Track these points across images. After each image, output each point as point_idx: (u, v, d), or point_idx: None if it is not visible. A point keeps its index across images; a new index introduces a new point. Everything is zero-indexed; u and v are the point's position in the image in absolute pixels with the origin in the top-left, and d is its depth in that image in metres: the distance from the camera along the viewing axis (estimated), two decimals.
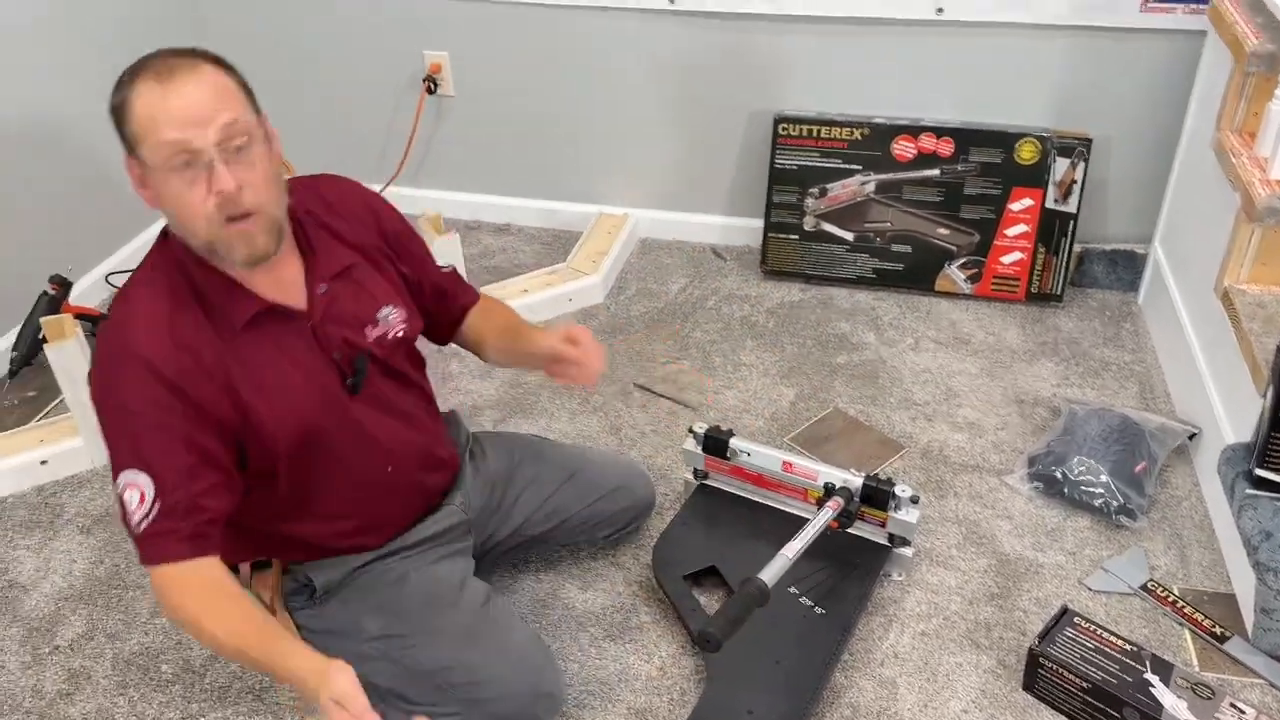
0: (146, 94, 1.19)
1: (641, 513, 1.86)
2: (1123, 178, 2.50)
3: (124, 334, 1.27)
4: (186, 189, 1.21)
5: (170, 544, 1.27)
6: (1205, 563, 1.83)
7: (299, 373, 1.36)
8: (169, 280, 1.29)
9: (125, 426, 1.26)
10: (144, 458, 1.25)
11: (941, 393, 2.27)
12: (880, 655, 1.68)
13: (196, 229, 1.24)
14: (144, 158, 1.21)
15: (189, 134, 1.19)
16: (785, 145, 2.56)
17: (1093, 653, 1.56)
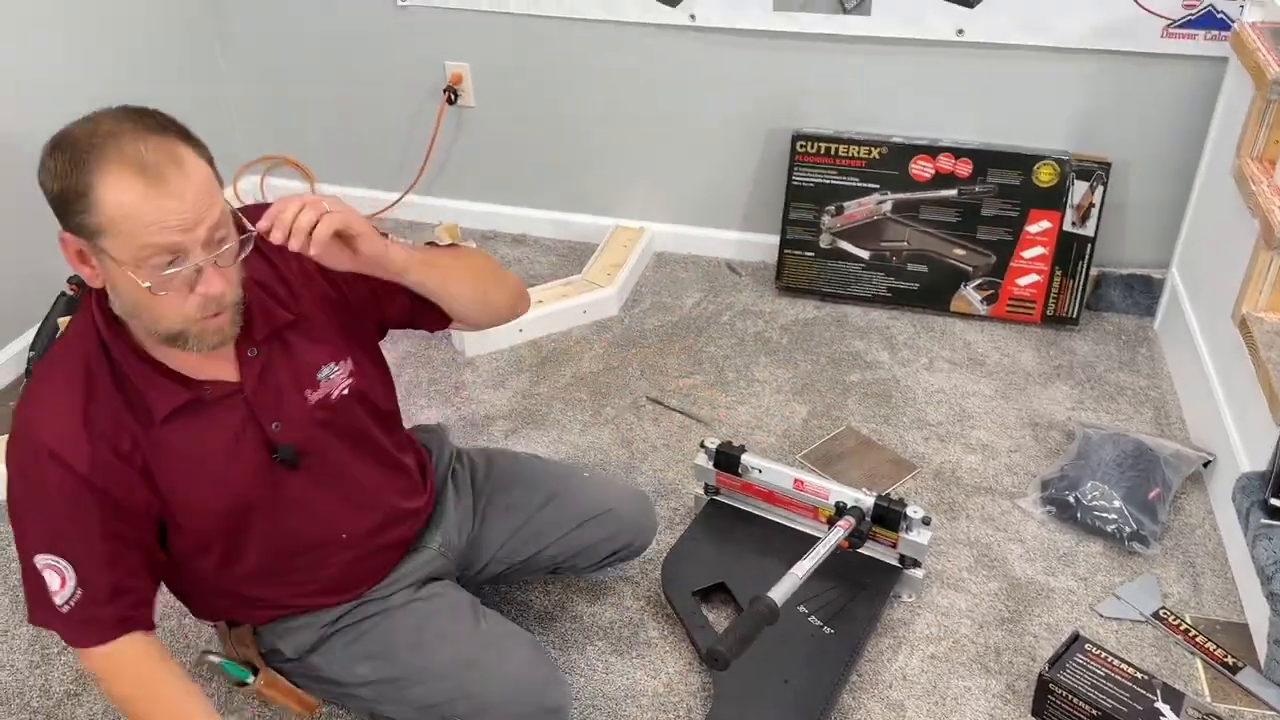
0: (126, 191, 1.06)
1: (629, 544, 1.68)
2: (1141, 202, 2.49)
3: (37, 425, 1.20)
4: (161, 288, 1.11)
5: (95, 629, 1.25)
6: (1218, 592, 1.82)
7: (226, 453, 1.28)
8: (85, 362, 1.20)
9: (40, 514, 1.21)
10: (60, 548, 1.22)
11: (955, 414, 2.26)
12: (889, 677, 1.67)
13: (167, 323, 1.15)
14: (107, 250, 1.09)
15: (179, 239, 1.09)
16: (803, 163, 2.56)
17: (1103, 680, 1.55)
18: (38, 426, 1.20)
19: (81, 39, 2.48)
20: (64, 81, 2.45)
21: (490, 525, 1.63)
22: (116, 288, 1.14)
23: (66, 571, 1.22)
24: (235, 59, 2.92)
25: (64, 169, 1.08)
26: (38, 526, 1.22)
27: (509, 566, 1.64)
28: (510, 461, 1.72)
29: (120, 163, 1.07)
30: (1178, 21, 2.27)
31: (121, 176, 1.06)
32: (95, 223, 1.08)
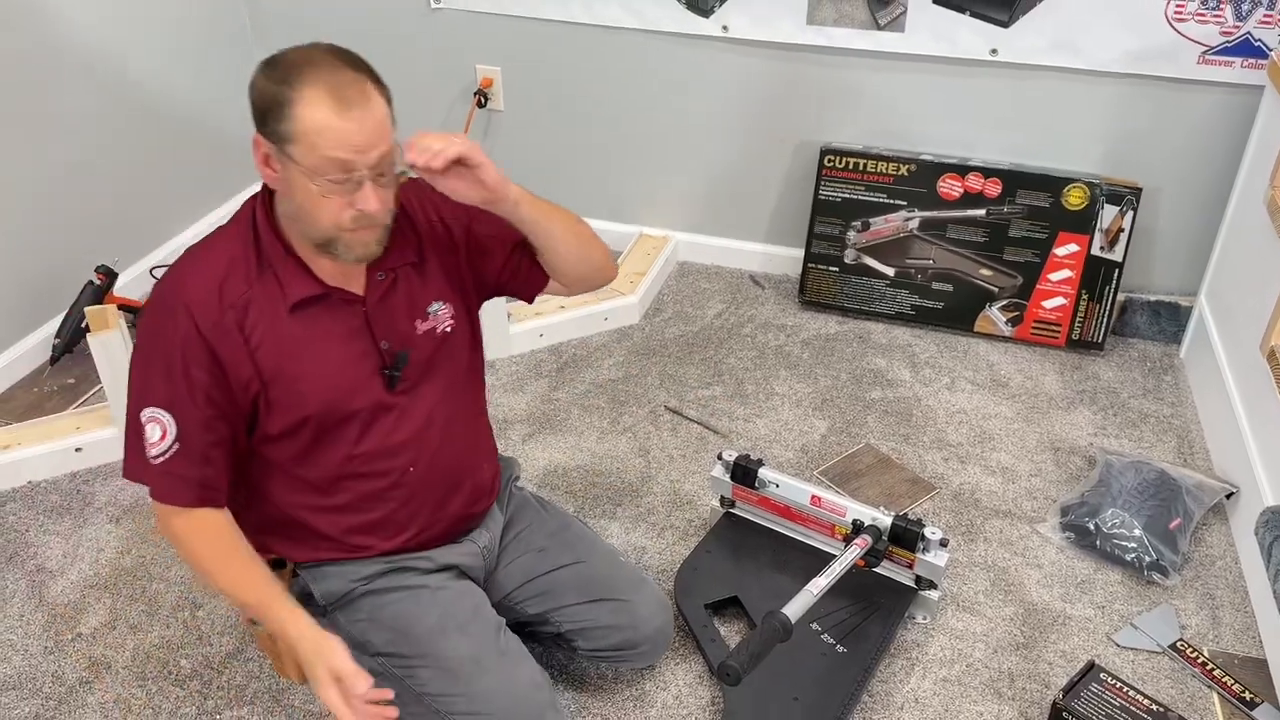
0: (320, 109, 1.24)
1: (635, 644, 1.60)
2: (1171, 229, 2.47)
3: (179, 283, 1.34)
4: (327, 195, 1.27)
5: (181, 489, 1.36)
6: (1237, 625, 1.79)
7: (340, 354, 1.40)
8: (240, 242, 1.36)
9: (159, 366, 1.33)
10: (171, 400, 1.33)
11: (976, 435, 2.25)
12: (900, 699, 1.66)
13: (322, 227, 1.30)
14: (292, 155, 1.26)
15: (353, 158, 1.26)
16: (830, 177, 2.55)
17: (1118, 710, 1.53)
18: (180, 284, 1.34)
19: (114, 26, 2.50)
20: (97, 71, 2.47)
21: (513, 563, 1.62)
22: (291, 189, 1.29)
23: (169, 425, 1.34)
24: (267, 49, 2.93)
25: (273, 82, 1.26)
26: (153, 378, 1.34)
27: (518, 616, 1.61)
28: (557, 516, 1.71)
29: (319, 86, 1.24)
30: (1214, 48, 2.26)
31: (318, 97, 1.24)
32: (288, 130, 1.25)
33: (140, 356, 1.36)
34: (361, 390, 1.41)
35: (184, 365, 1.32)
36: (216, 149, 2.87)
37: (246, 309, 1.34)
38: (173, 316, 1.32)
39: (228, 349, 1.33)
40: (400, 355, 1.43)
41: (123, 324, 2.04)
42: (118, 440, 2.10)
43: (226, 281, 1.34)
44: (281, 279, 1.35)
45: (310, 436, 1.41)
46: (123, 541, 1.93)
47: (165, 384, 1.33)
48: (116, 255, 2.49)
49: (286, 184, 1.30)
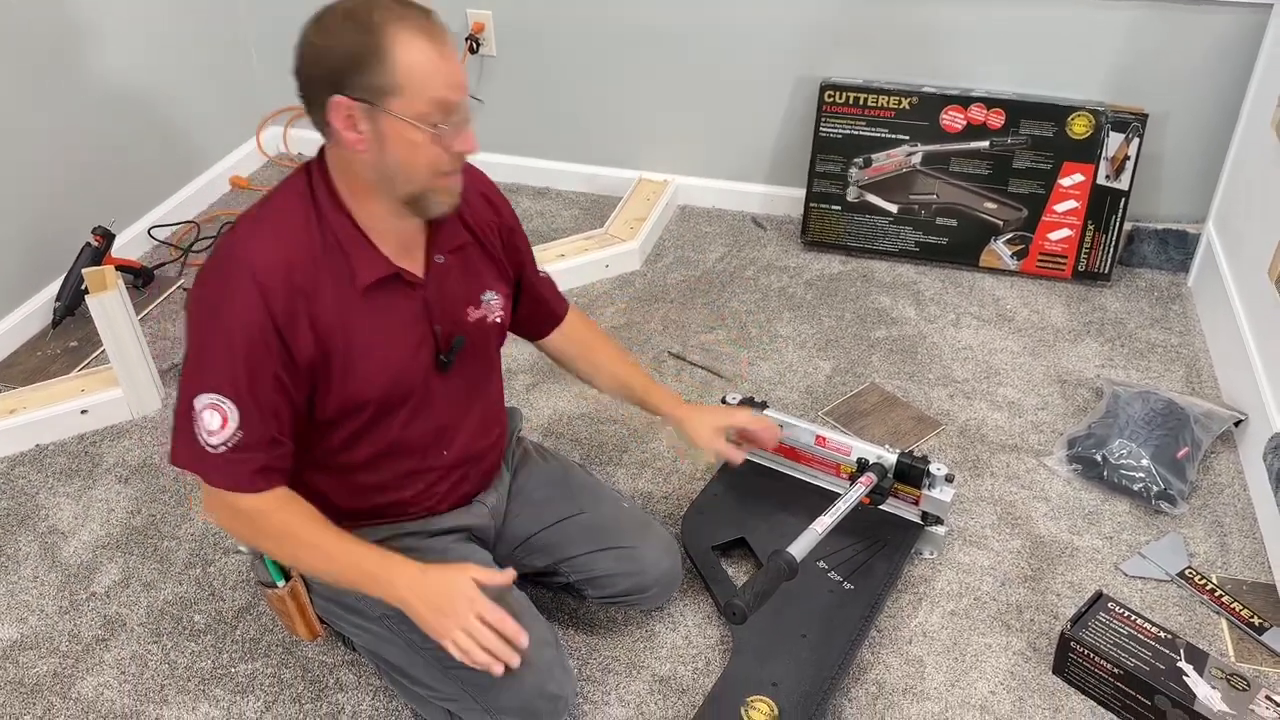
0: (417, 49, 1.19)
1: (643, 589, 1.60)
2: (1177, 155, 2.43)
3: (246, 250, 1.26)
4: (427, 142, 1.23)
5: (246, 476, 1.29)
6: (1246, 552, 1.79)
7: (402, 338, 1.37)
8: (303, 219, 1.29)
9: (222, 349, 1.26)
10: (235, 386, 1.26)
11: (982, 370, 2.23)
12: (909, 633, 1.67)
13: (418, 178, 1.27)
14: (391, 108, 1.20)
15: (456, 96, 1.23)
16: (831, 113, 2.51)
17: (1126, 639, 1.54)
18: (246, 263, 1.25)
19: None
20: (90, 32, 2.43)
21: (518, 517, 1.62)
22: (386, 145, 1.23)
23: (230, 413, 1.26)
24: (257, 7, 2.89)
25: (352, 35, 1.19)
26: (214, 362, 1.26)
27: (525, 569, 1.62)
28: (559, 465, 1.71)
29: (411, 29, 1.19)
30: None
31: (414, 39, 1.19)
32: (386, 82, 1.19)
33: (197, 338, 1.28)
34: (417, 373, 1.40)
35: (251, 349, 1.25)
36: (212, 108, 2.84)
37: (316, 290, 1.28)
38: (239, 297, 1.24)
39: (297, 333, 1.27)
40: (457, 340, 1.43)
41: (121, 284, 2.03)
42: (123, 402, 2.11)
43: (294, 260, 1.27)
44: (351, 259, 1.30)
45: (367, 419, 1.39)
46: (132, 501, 1.94)
47: (228, 368, 1.25)
48: (113, 216, 2.48)
49: (379, 141, 1.23)
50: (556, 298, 1.69)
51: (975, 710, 1.55)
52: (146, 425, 2.11)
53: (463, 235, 1.43)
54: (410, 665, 1.46)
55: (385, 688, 1.58)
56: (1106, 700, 1.54)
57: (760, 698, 1.49)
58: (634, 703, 1.57)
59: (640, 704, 1.57)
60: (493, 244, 1.49)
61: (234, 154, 2.97)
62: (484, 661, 1.28)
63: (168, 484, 1.97)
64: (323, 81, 1.21)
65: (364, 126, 1.22)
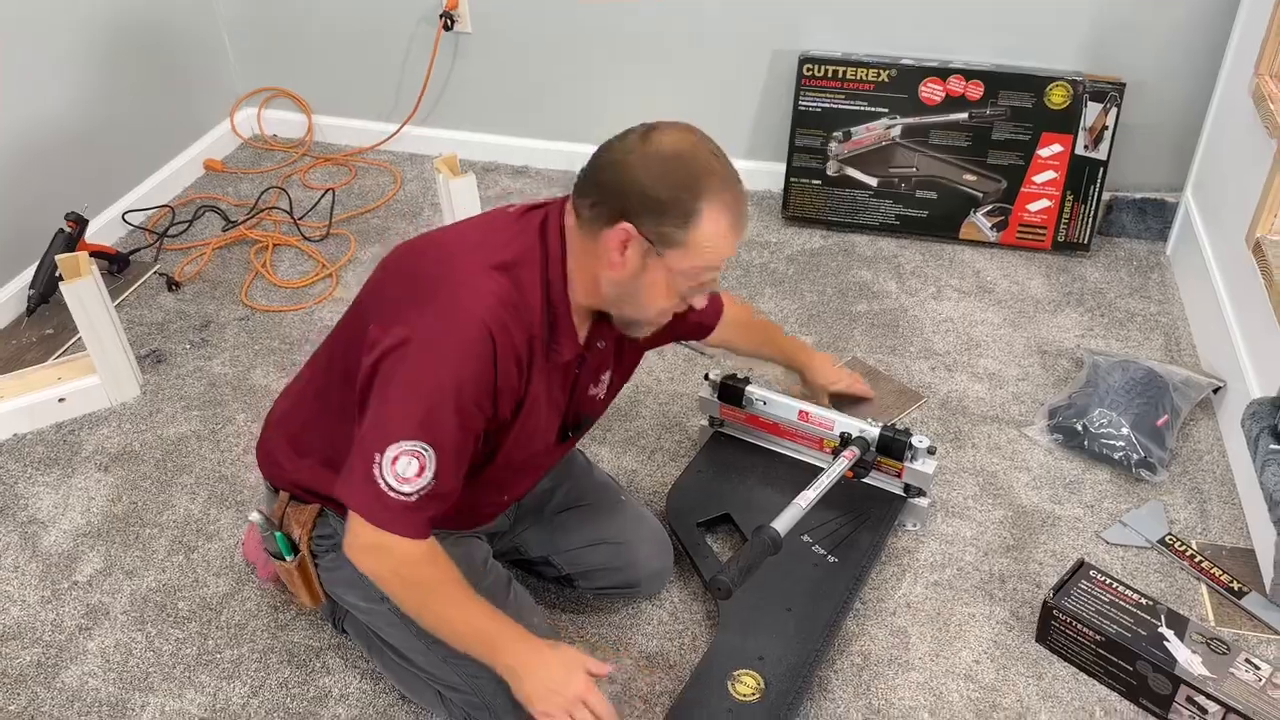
0: (720, 227, 1.22)
1: (634, 583, 1.64)
2: (1155, 124, 2.43)
3: (483, 312, 1.22)
4: (672, 290, 1.27)
5: (423, 523, 1.26)
6: (1225, 518, 1.81)
7: (549, 410, 1.39)
8: (533, 284, 1.28)
9: (436, 397, 1.21)
10: (442, 439, 1.22)
11: (962, 342, 2.24)
12: (893, 605, 1.68)
13: (648, 315, 1.32)
14: (667, 258, 1.23)
15: (720, 268, 1.28)
16: (810, 87, 2.50)
17: (1107, 606, 1.55)
18: (486, 304, 1.23)
19: None
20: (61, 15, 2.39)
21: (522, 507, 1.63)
22: (639, 280, 1.26)
23: (429, 461, 1.22)
24: None
25: (674, 185, 1.21)
26: (435, 408, 1.21)
27: (520, 557, 1.65)
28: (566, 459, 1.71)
29: (724, 205, 1.22)
30: None
31: (722, 215, 1.22)
32: (678, 237, 1.22)
33: (410, 380, 1.22)
34: (547, 440, 1.43)
35: (469, 405, 1.23)
36: (184, 91, 2.80)
37: (530, 358, 1.29)
38: (471, 351, 1.21)
39: (506, 396, 1.27)
40: (586, 419, 1.48)
41: (95, 270, 2.01)
42: (100, 389, 2.09)
43: (522, 323, 1.26)
44: (559, 335, 1.31)
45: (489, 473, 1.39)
46: (113, 489, 1.92)
47: (439, 417, 1.21)
48: (86, 201, 2.44)
49: (638, 274, 1.25)
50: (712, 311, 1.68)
51: (959, 679, 1.56)
52: (125, 413, 2.10)
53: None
54: (407, 647, 1.46)
55: (372, 670, 1.58)
56: (1089, 667, 1.56)
57: (747, 671, 1.50)
58: (621, 679, 1.57)
59: (628, 681, 1.57)
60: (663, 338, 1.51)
61: (207, 137, 2.93)
62: None
63: (149, 471, 1.96)
64: (620, 200, 1.22)
65: (632, 256, 1.24)
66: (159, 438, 2.03)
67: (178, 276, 2.47)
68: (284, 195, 2.74)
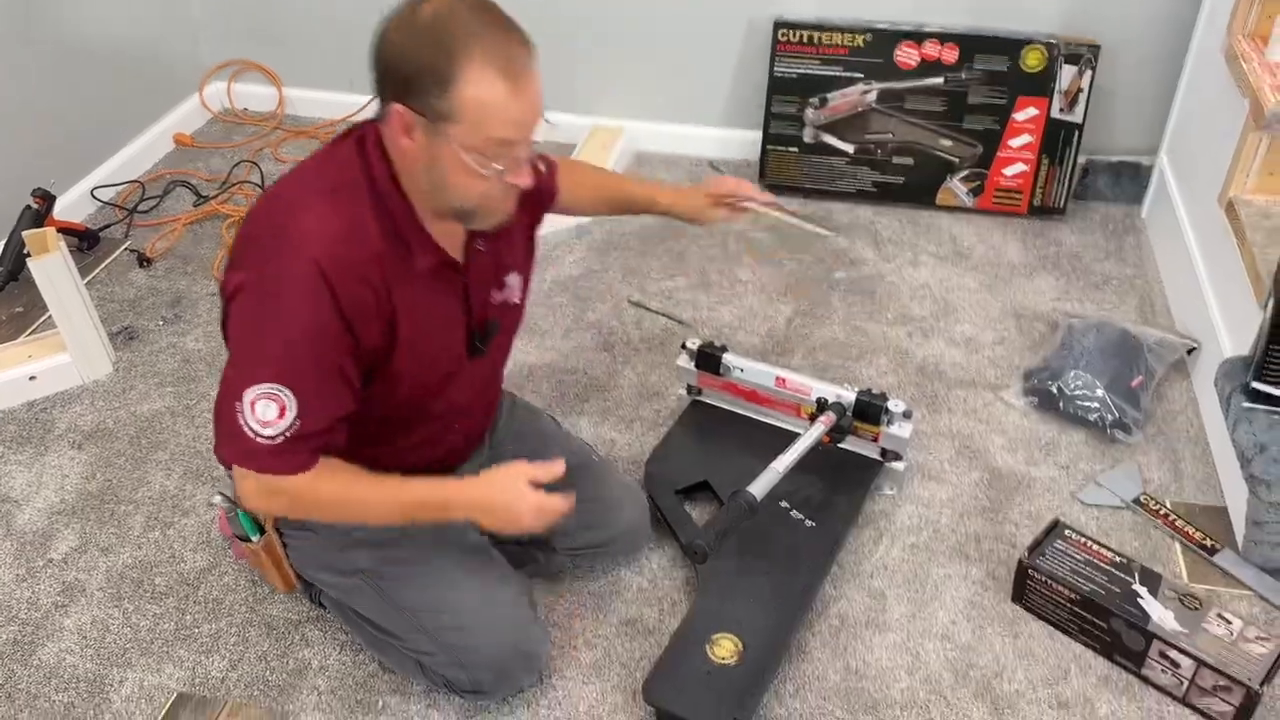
0: (489, 88, 1.13)
1: (612, 542, 1.64)
2: (1130, 86, 2.43)
3: (309, 236, 1.19)
4: (479, 171, 1.18)
5: (299, 459, 1.25)
6: (1198, 477, 1.82)
7: (444, 324, 1.36)
8: (361, 203, 1.23)
9: (279, 340, 1.20)
10: (295, 379, 1.21)
11: (939, 308, 2.24)
12: (870, 567, 1.69)
13: (468, 201, 1.23)
14: (448, 133, 1.15)
15: (518, 136, 1.18)
16: (785, 53, 2.48)
17: (1082, 565, 1.57)
18: (310, 237, 1.19)
19: None
20: None
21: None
22: (437, 163, 1.19)
23: (289, 402, 1.21)
24: None
25: (426, 51, 1.13)
26: (271, 352, 1.21)
27: None
28: (530, 416, 1.71)
29: (487, 61, 1.12)
30: None
31: (486, 73, 1.12)
32: (447, 109, 1.14)
33: (250, 328, 1.22)
34: (455, 358, 1.40)
35: (314, 341, 1.20)
36: (152, 64, 2.76)
37: (382, 278, 1.24)
38: (301, 288, 1.18)
39: (365, 322, 1.23)
40: (492, 325, 1.42)
41: (63, 246, 1.98)
42: (72, 366, 2.07)
43: (359, 248, 1.22)
44: (410, 243, 1.26)
45: (403, 398, 1.36)
46: (86, 467, 1.91)
47: (286, 358, 1.20)
48: (53, 178, 2.41)
49: (430, 157, 1.19)
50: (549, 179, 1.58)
51: (936, 639, 1.58)
52: (98, 390, 2.08)
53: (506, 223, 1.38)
54: (383, 618, 1.46)
55: (352, 642, 1.58)
56: (1064, 625, 1.57)
57: (725, 634, 1.50)
58: (601, 646, 1.58)
59: (608, 647, 1.58)
60: (531, 221, 1.46)
61: (176, 111, 2.89)
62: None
63: (123, 448, 1.94)
64: (388, 83, 1.17)
65: (418, 137, 1.18)
66: (132, 415, 2.02)
67: (149, 253, 2.44)
68: (256, 169, 2.71)
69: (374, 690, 1.53)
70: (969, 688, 1.51)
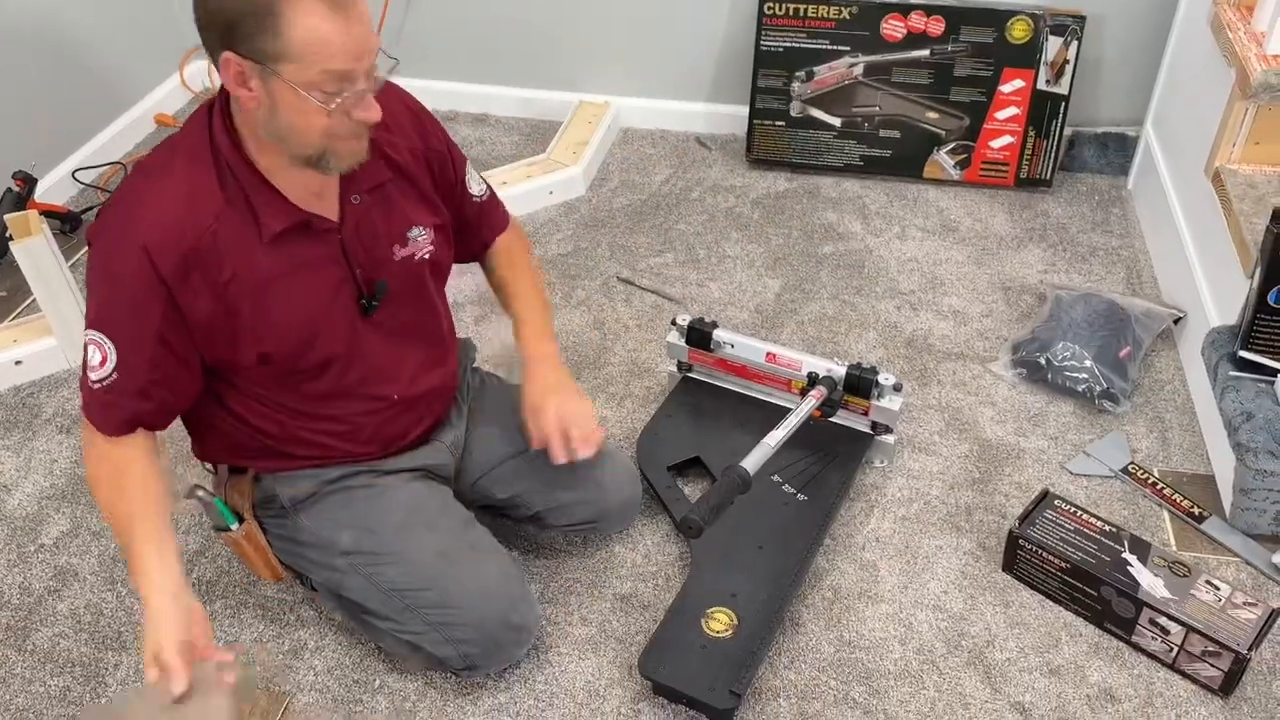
0: (315, 17, 1.11)
1: (604, 517, 1.64)
2: (1116, 57, 2.43)
3: (138, 219, 1.22)
4: (321, 112, 1.17)
5: (112, 417, 1.31)
6: (1186, 445, 1.84)
7: (317, 285, 1.33)
8: (201, 166, 1.24)
9: (107, 294, 1.26)
10: (114, 331, 1.26)
11: (927, 281, 2.25)
12: (861, 539, 1.70)
13: (315, 142, 1.20)
14: (281, 73, 1.14)
15: (353, 66, 1.15)
16: (771, 26, 2.47)
17: (1072, 534, 1.58)
18: (135, 220, 1.22)
19: None
20: None
21: (476, 450, 1.61)
22: (277, 107, 1.17)
23: (110, 354, 1.26)
24: None
25: None
26: (100, 304, 1.26)
27: (487, 500, 1.62)
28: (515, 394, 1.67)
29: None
30: None
31: (311, 6, 1.11)
32: (276, 48, 1.12)
33: (91, 279, 1.28)
34: (340, 319, 1.36)
35: (134, 304, 1.23)
36: (131, 43, 2.72)
37: (215, 245, 1.23)
38: (125, 254, 1.21)
39: (189, 290, 1.24)
40: (379, 284, 1.38)
41: (46, 229, 1.96)
42: (58, 351, 2.05)
43: (190, 215, 1.22)
44: (255, 207, 1.25)
45: (286, 367, 1.36)
46: (75, 451, 1.90)
47: (110, 313, 1.26)
48: (34, 160, 2.38)
49: (270, 103, 1.17)
50: (489, 223, 1.60)
51: (928, 610, 1.59)
52: None
53: (383, 172, 1.36)
54: (370, 600, 1.46)
55: (346, 623, 1.58)
56: (1054, 594, 1.59)
57: (720, 608, 1.51)
58: (596, 621, 1.59)
59: (603, 622, 1.59)
60: (419, 176, 1.42)
61: (157, 91, 2.86)
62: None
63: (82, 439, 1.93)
64: (213, 33, 1.14)
65: (255, 85, 1.16)
66: None
67: None
68: None
69: (371, 670, 1.53)
70: (961, 657, 1.53)
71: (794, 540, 1.62)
